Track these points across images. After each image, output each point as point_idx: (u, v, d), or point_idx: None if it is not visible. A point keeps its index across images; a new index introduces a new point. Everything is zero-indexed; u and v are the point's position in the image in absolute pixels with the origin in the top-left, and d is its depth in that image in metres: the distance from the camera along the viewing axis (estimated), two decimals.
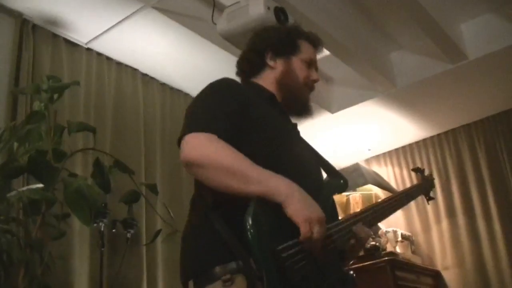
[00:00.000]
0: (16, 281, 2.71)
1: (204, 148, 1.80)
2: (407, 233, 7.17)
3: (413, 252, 7.09)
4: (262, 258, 1.63)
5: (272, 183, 1.76)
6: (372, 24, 5.43)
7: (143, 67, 5.27)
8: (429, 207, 7.21)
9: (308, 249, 1.74)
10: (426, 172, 3.01)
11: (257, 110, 2.06)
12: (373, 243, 6.51)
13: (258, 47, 2.37)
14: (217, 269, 1.74)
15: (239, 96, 2.06)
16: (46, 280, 3.13)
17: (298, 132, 2.37)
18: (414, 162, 7.51)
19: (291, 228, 1.72)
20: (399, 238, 6.96)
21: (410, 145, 7.60)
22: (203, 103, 2.03)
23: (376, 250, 6.38)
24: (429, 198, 2.82)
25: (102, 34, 4.72)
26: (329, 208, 2.03)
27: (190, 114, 1.99)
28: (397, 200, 2.56)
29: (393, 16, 5.26)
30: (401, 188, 7.31)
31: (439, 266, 7.05)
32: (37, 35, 4.43)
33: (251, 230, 1.63)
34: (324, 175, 2.28)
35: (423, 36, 5.25)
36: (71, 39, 4.71)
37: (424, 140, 7.50)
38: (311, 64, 2.38)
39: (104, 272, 4.15)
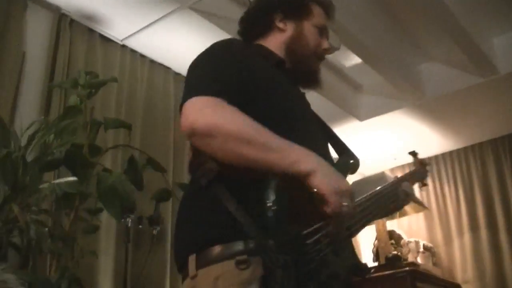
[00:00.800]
0: (47, 272, 2.75)
1: (211, 114, 1.58)
2: (429, 244, 7.15)
3: (434, 263, 7.06)
4: (284, 242, 1.46)
5: (296, 152, 1.58)
6: (404, 34, 5.43)
7: (176, 66, 5.32)
8: (452, 219, 7.19)
9: (335, 227, 1.58)
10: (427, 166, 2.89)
11: (264, 75, 1.88)
12: (395, 252, 6.51)
13: (267, 6, 2.16)
14: (227, 246, 1.56)
15: (244, 57, 1.87)
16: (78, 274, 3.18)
17: (307, 103, 2.12)
18: (439, 173, 7.50)
19: (314, 209, 1.55)
20: (421, 249, 6.95)
21: (435, 156, 7.58)
22: (205, 65, 1.81)
23: (398, 260, 6.37)
24: (423, 185, 2.71)
25: (137, 32, 4.77)
26: None
27: (191, 77, 1.78)
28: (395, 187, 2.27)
29: (425, 27, 5.25)
30: (424, 201, 7.31)
31: (459, 279, 7.00)
32: (74, 30, 4.49)
33: (273, 208, 1.47)
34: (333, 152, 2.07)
35: (454, 48, 5.25)
36: (107, 35, 4.77)
37: (451, 152, 7.48)
38: (323, 31, 2.15)
39: (129, 267, 4.19)
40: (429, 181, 6.81)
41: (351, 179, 6.25)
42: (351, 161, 1.98)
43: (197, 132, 1.57)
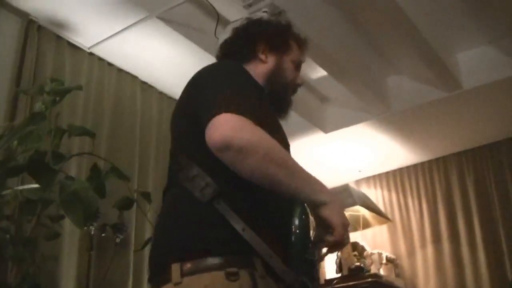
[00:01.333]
0: (7, 278, 2.75)
1: (250, 133, 1.63)
2: (392, 256, 7.21)
3: (397, 275, 7.13)
4: (303, 262, 1.68)
5: (315, 181, 1.72)
6: (371, 47, 5.51)
7: (143, 75, 5.34)
8: (415, 231, 7.27)
9: (332, 251, 1.76)
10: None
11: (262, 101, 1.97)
12: (358, 263, 6.57)
13: (251, 36, 2.23)
14: (220, 258, 1.63)
15: (255, 82, 2.02)
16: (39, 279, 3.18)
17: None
18: (403, 186, 7.58)
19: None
20: (384, 261, 7.01)
21: (400, 169, 7.66)
22: (229, 81, 1.86)
23: (361, 271, 6.44)
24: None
25: (105, 39, 4.78)
26: None
27: (215, 92, 1.78)
28: None
29: (392, 41, 5.33)
30: (388, 213, 7.39)
31: None
32: (42, 36, 4.49)
33: (298, 232, 1.70)
34: None
35: (420, 62, 5.34)
36: (75, 43, 4.78)
37: (415, 165, 7.55)
38: (298, 66, 2.28)
39: (91, 274, 4.19)
40: (393, 193, 6.92)
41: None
42: None
43: (233, 147, 1.60)
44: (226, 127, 1.61)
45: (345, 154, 7.04)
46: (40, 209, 2.87)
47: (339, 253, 6.88)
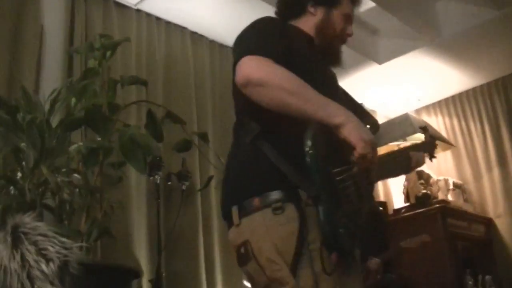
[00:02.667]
0: (80, 226, 2.90)
1: (264, 68, 1.88)
2: (459, 182, 7.20)
3: (465, 200, 7.12)
4: (320, 179, 1.78)
5: (331, 105, 1.88)
6: None
7: (192, 26, 5.39)
8: (480, 155, 7.21)
9: (358, 171, 1.87)
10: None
11: (298, 49, 2.15)
12: (424, 191, 6.59)
13: None
14: (266, 196, 1.87)
15: (285, 31, 2.16)
16: (108, 225, 3.34)
17: (334, 75, 2.40)
18: (464, 111, 7.50)
19: (342, 156, 1.86)
20: (451, 187, 7.00)
21: (459, 94, 7.58)
22: (256, 32, 2.10)
23: (427, 198, 6.47)
24: (432, 157, 2.87)
25: None
26: None
27: (243, 41, 2.08)
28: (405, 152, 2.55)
29: None
30: (451, 139, 7.34)
31: (491, 214, 7.06)
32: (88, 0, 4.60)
33: (311, 152, 1.76)
34: None
35: None
36: (121, 1, 4.86)
37: (474, 89, 7.46)
38: (348, 19, 2.41)
39: (161, 222, 4.35)
40: (454, 119, 6.88)
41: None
42: (369, 125, 2.22)
43: (251, 82, 1.88)
44: (246, 67, 1.91)
45: (402, 84, 7.00)
46: (102, 158, 3.00)
47: (405, 183, 6.92)
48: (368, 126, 2.17)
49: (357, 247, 1.96)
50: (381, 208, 2.01)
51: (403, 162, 2.42)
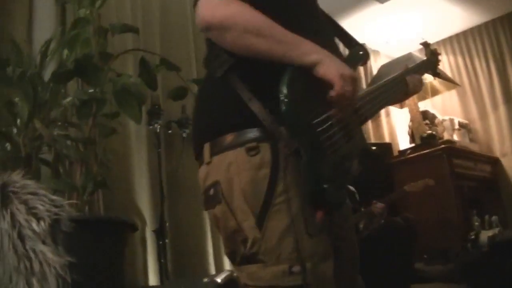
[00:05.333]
0: (75, 179, 2.85)
1: (225, 8, 1.67)
2: (464, 121, 7.15)
3: (471, 139, 7.08)
4: (298, 130, 1.60)
5: (303, 44, 1.67)
6: None
7: None
8: (486, 94, 7.14)
9: (339, 109, 1.69)
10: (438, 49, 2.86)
11: None
12: (430, 132, 6.53)
13: None
14: (242, 133, 1.66)
15: None
16: (106, 177, 3.30)
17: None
18: (468, 49, 7.42)
19: (321, 100, 1.66)
20: (456, 126, 6.96)
21: (464, 32, 7.48)
22: None
23: (433, 139, 6.41)
24: (435, 74, 2.72)
25: None
26: None
27: None
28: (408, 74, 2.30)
29: None
30: (456, 78, 7.26)
31: (497, 153, 7.04)
32: None
33: (287, 100, 1.58)
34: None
35: None
36: None
37: (479, 26, 7.35)
38: None
39: (163, 170, 4.31)
40: (459, 58, 6.82)
41: (379, 63, 6.22)
42: (361, 53, 2.04)
43: (212, 26, 1.68)
44: (204, 9, 1.69)
45: (405, 22, 6.86)
46: (95, 109, 2.93)
47: (410, 123, 6.86)
48: (361, 53, 2.03)
49: (345, 200, 1.85)
50: (374, 148, 1.91)
51: (400, 89, 2.20)
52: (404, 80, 2.19)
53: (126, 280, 2.89)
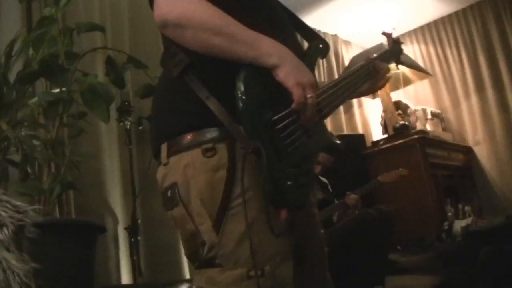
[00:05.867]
0: (42, 181, 2.82)
1: (183, 5, 1.61)
2: (437, 111, 7.18)
3: (444, 129, 7.11)
4: (255, 129, 1.53)
5: (263, 44, 1.61)
6: None
7: None
8: (458, 83, 7.18)
9: (301, 116, 1.62)
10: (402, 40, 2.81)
11: None
12: (402, 122, 6.55)
13: None
14: (200, 133, 1.62)
15: None
16: (76, 179, 3.26)
17: None
18: (440, 38, 7.45)
19: (281, 98, 1.60)
20: (429, 116, 6.99)
21: (435, 21, 7.50)
22: None
23: (406, 129, 6.43)
24: (398, 63, 2.69)
25: None
26: None
27: None
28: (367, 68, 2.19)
29: None
30: (428, 67, 7.29)
31: (470, 142, 7.09)
32: None
33: (244, 97, 1.52)
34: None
35: None
36: None
37: (449, 15, 7.38)
38: None
39: (135, 168, 4.27)
40: (430, 47, 6.84)
41: (351, 54, 6.20)
42: (321, 46, 1.98)
43: (169, 23, 1.61)
44: (161, 5, 1.62)
45: (376, 13, 6.84)
46: (62, 110, 2.89)
47: (382, 114, 6.88)
48: (320, 46, 1.97)
49: (307, 199, 1.78)
50: (338, 142, 1.89)
51: (365, 79, 2.09)
52: (375, 67, 2.15)
53: (96, 282, 2.85)
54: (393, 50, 2.54)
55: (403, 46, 2.56)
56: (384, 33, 2.80)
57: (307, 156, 1.71)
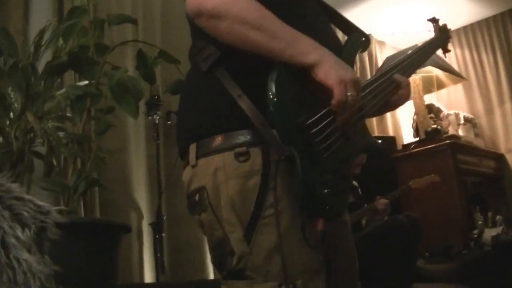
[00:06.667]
0: (66, 177, 2.75)
1: None
2: (470, 116, 7.06)
3: (476, 135, 7.00)
4: (288, 134, 1.43)
5: (303, 41, 1.51)
6: None
7: None
8: (492, 88, 7.05)
9: (341, 117, 1.52)
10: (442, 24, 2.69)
11: None
12: (434, 126, 6.44)
13: None
14: (231, 135, 1.53)
15: None
16: (101, 174, 3.19)
17: None
18: (476, 42, 7.32)
19: (316, 100, 1.51)
20: (461, 121, 6.87)
21: (471, 24, 7.37)
22: None
23: (438, 133, 6.32)
24: (446, 51, 2.56)
25: None
26: None
27: None
28: (418, 55, 2.15)
29: None
30: (462, 71, 7.17)
31: (502, 149, 6.96)
32: None
33: (275, 100, 1.42)
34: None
35: None
36: None
37: (487, 19, 7.24)
38: None
39: (161, 163, 4.21)
40: (466, 51, 6.73)
41: (385, 55, 6.11)
42: (362, 39, 1.89)
43: (204, 12, 1.53)
44: None
45: (411, 14, 6.73)
46: (90, 104, 2.83)
47: (414, 117, 6.77)
48: (363, 39, 1.88)
49: (345, 207, 1.71)
50: (379, 141, 1.78)
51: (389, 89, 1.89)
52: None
53: (118, 282, 2.78)
54: (440, 37, 2.44)
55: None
56: (430, 20, 2.66)
57: (344, 160, 1.62)
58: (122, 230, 2.80)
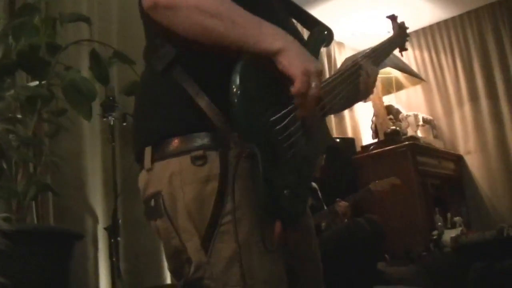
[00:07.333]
0: (16, 182, 2.64)
1: None
2: (429, 117, 7.10)
3: (435, 136, 7.04)
4: (251, 129, 1.38)
5: (266, 28, 1.44)
6: None
7: None
8: (451, 90, 7.09)
9: (302, 109, 1.43)
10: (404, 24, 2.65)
11: None
12: (393, 127, 6.45)
13: None
14: (189, 138, 1.46)
15: None
16: (55, 179, 3.08)
17: None
18: (435, 43, 7.38)
19: (281, 96, 1.45)
20: (420, 122, 6.91)
21: (430, 26, 7.41)
22: None
23: (397, 135, 6.33)
24: (403, 49, 2.52)
25: None
26: None
27: None
28: (377, 54, 2.08)
29: None
30: (422, 73, 7.19)
31: (461, 150, 7.02)
32: None
33: (239, 92, 1.35)
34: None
35: None
36: None
37: (446, 21, 7.29)
38: None
39: (117, 165, 4.11)
40: (425, 52, 6.74)
41: (343, 56, 6.07)
42: (325, 32, 1.85)
43: (159, 3, 1.44)
44: None
45: (372, 15, 6.71)
46: (41, 106, 2.71)
47: (373, 118, 6.76)
48: (325, 33, 1.83)
49: (305, 209, 1.64)
50: (337, 140, 1.72)
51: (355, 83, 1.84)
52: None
53: None
54: (398, 35, 2.39)
55: (396, 50, 2.42)
56: (389, 17, 2.61)
57: (306, 161, 1.56)
58: (74, 238, 2.69)
